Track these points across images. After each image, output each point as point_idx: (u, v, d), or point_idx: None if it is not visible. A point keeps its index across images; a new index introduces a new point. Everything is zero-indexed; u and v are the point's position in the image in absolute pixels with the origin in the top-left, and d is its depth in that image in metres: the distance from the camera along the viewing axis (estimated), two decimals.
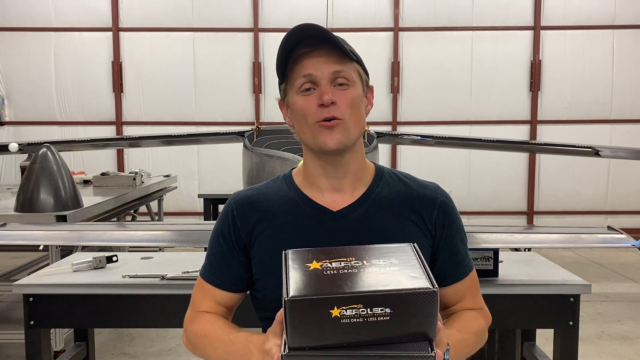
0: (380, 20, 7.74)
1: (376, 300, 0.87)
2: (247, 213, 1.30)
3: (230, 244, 1.30)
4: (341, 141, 1.21)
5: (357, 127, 1.25)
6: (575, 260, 6.41)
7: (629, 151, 5.72)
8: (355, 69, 1.25)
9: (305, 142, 1.28)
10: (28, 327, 2.35)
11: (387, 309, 0.87)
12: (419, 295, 0.88)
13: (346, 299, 0.87)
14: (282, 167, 3.55)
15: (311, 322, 0.88)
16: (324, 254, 1.02)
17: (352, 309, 0.87)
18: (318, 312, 0.87)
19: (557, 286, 2.36)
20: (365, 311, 0.87)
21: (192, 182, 7.88)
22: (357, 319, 0.87)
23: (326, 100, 1.19)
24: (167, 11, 7.73)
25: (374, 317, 0.87)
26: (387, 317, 0.88)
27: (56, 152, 3.76)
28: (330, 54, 1.21)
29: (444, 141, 5.44)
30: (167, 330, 4.05)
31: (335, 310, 0.87)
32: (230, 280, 1.31)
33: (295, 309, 0.88)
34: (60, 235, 2.85)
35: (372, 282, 0.91)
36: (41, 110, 7.82)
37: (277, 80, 1.31)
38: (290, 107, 1.28)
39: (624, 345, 4.07)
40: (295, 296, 0.88)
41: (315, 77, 1.21)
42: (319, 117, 1.21)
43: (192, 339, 1.30)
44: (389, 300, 0.87)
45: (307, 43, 1.21)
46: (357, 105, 1.24)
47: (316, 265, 0.98)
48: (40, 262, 4.64)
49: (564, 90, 7.78)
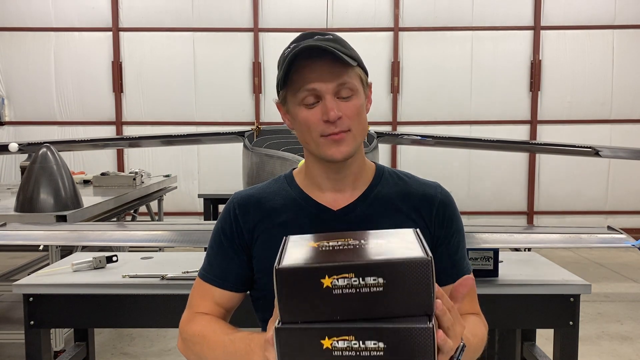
0: (380, 20, 7.74)
1: (368, 269, 0.84)
2: (249, 211, 1.30)
3: (232, 242, 1.30)
4: (349, 152, 1.23)
5: (362, 133, 1.25)
6: (575, 260, 6.41)
7: (629, 151, 5.73)
8: (357, 75, 1.23)
9: (308, 150, 1.28)
10: (28, 327, 2.35)
11: (380, 278, 0.84)
12: (412, 264, 0.84)
13: (337, 268, 0.84)
14: (282, 167, 3.55)
15: (303, 293, 0.85)
16: (324, 237, 1.00)
17: (343, 279, 0.84)
18: (309, 282, 0.85)
19: (557, 286, 2.36)
20: (358, 281, 0.84)
21: (192, 182, 7.89)
22: (349, 289, 0.84)
23: (332, 117, 1.18)
24: (167, 11, 7.73)
25: (366, 287, 0.84)
26: (380, 287, 0.84)
27: (56, 152, 3.76)
28: (332, 64, 1.19)
29: (444, 141, 5.44)
30: (167, 330, 4.05)
31: (327, 279, 0.84)
32: (231, 279, 1.30)
33: (285, 279, 0.86)
34: (60, 235, 2.85)
35: (365, 254, 0.90)
36: (41, 110, 7.82)
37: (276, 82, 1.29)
38: (291, 114, 1.27)
39: (624, 345, 4.07)
40: (285, 266, 0.86)
41: (320, 92, 1.19)
42: (324, 132, 1.21)
43: (188, 340, 1.27)
44: (381, 269, 0.84)
45: (308, 54, 1.19)
46: (361, 113, 1.24)
47: (313, 244, 0.96)
48: (40, 262, 4.65)
49: (564, 90, 7.78)
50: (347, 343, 0.84)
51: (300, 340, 0.85)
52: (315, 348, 0.84)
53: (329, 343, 0.84)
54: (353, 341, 0.84)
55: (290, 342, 0.86)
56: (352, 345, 0.84)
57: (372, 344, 0.83)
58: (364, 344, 0.84)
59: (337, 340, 0.84)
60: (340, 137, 1.20)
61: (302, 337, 0.85)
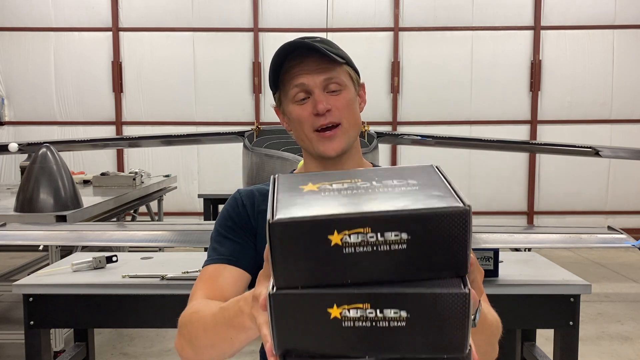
0: (380, 20, 7.73)
1: (389, 223, 0.66)
2: (255, 201, 1.32)
3: (241, 225, 1.28)
4: (342, 147, 1.27)
5: (354, 128, 1.30)
6: (575, 260, 6.41)
7: (629, 151, 5.73)
8: (345, 72, 1.28)
9: (304, 148, 1.33)
10: (28, 327, 2.35)
11: (404, 234, 0.66)
12: (447, 215, 0.66)
13: (349, 220, 0.66)
14: (282, 167, 3.55)
15: (304, 252, 0.67)
16: (323, 177, 0.79)
17: (357, 234, 0.66)
18: (313, 239, 0.66)
19: (557, 286, 2.36)
20: (375, 237, 0.66)
21: (192, 182, 7.88)
22: (364, 248, 0.66)
23: (321, 109, 1.23)
24: (167, 11, 7.73)
25: (386, 244, 0.66)
26: (403, 244, 0.66)
27: (56, 152, 3.75)
28: (319, 61, 1.24)
29: (444, 141, 5.44)
30: (167, 330, 4.05)
31: (336, 235, 0.66)
32: (243, 258, 1.23)
33: (282, 235, 0.67)
34: (60, 235, 2.85)
35: (382, 201, 0.69)
36: (41, 110, 7.82)
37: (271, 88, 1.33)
38: (286, 115, 1.32)
39: (624, 346, 4.07)
40: (283, 218, 0.67)
41: (308, 86, 1.24)
42: (315, 125, 1.25)
43: (182, 326, 1.11)
44: (407, 222, 0.66)
45: (296, 54, 1.25)
46: (352, 107, 1.28)
47: (312, 187, 0.75)
48: (40, 262, 4.64)
49: (564, 90, 7.78)
50: (360, 312, 0.67)
51: (302, 308, 0.68)
52: (320, 318, 0.67)
53: (338, 312, 0.67)
54: (368, 309, 0.67)
55: (290, 310, 0.68)
56: (367, 315, 0.67)
57: (393, 312, 0.66)
58: (381, 313, 0.67)
59: (348, 309, 0.67)
60: (332, 133, 1.25)
61: (304, 304, 0.68)
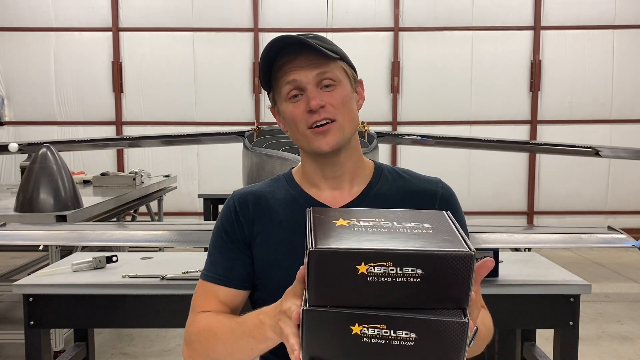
0: (380, 20, 7.73)
1: (408, 260, 0.81)
2: (249, 209, 1.29)
3: (234, 239, 1.28)
4: (336, 143, 1.22)
5: (350, 125, 1.25)
6: (575, 260, 6.41)
7: (629, 151, 5.73)
8: (340, 67, 1.24)
9: (300, 147, 1.29)
10: (28, 327, 2.35)
11: (419, 269, 0.81)
12: (455, 258, 0.81)
13: (376, 255, 0.81)
14: (282, 167, 3.55)
15: (336, 277, 0.82)
16: (351, 214, 0.96)
17: (380, 267, 0.81)
18: (344, 267, 0.82)
19: (557, 286, 2.35)
20: (395, 270, 0.81)
21: (192, 182, 7.88)
22: (385, 278, 0.81)
23: (314, 105, 1.19)
24: (167, 11, 7.73)
25: (403, 277, 0.81)
26: (417, 278, 0.81)
27: (56, 152, 3.75)
28: (311, 57, 1.20)
29: (444, 141, 5.44)
30: (167, 330, 4.05)
31: (363, 266, 0.81)
32: (235, 276, 1.27)
33: (320, 261, 0.83)
34: (60, 235, 2.85)
35: (403, 240, 0.85)
36: (41, 110, 7.82)
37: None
38: (281, 115, 1.28)
39: (624, 345, 4.07)
40: (321, 248, 0.83)
41: (300, 83, 1.20)
42: (309, 122, 1.21)
43: (193, 341, 1.20)
44: (422, 260, 0.81)
45: (287, 51, 1.21)
46: (348, 103, 1.24)
47: (343, 222, 0.92)
48: (40, 262, 4.65)
49: (564, 90, 7.78)
50: (377, 331, 0.83)
51: (329, 324, 0.84)
52: (343, 333, 0.83)
53: (359, 329, 0.83)
54: (384, 329, 0.82)
55: (319, 325, 0.84)
56: (382, 333, 0.82)
57: (404, 333, 0.82)
58: (395, 333, 0.82)
59: (368, 327, 0.83)
60: (326, 128, 1.21)
61: (332, 320, 0.84)
